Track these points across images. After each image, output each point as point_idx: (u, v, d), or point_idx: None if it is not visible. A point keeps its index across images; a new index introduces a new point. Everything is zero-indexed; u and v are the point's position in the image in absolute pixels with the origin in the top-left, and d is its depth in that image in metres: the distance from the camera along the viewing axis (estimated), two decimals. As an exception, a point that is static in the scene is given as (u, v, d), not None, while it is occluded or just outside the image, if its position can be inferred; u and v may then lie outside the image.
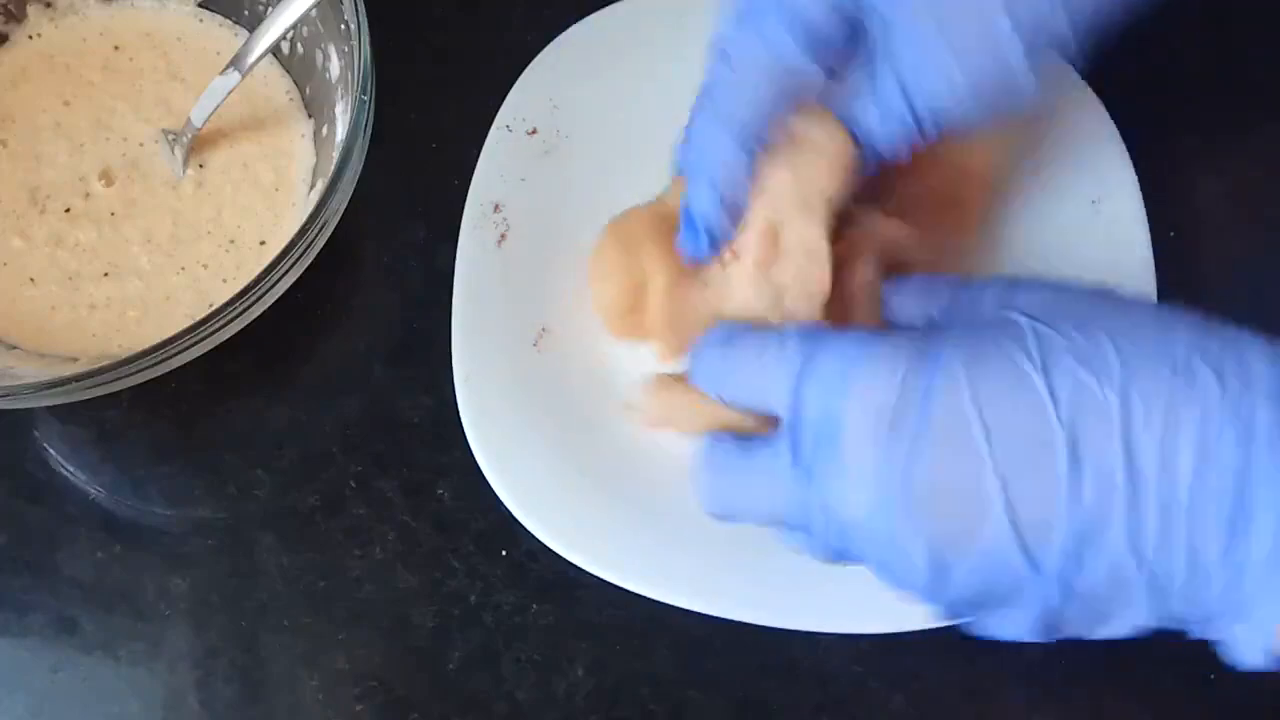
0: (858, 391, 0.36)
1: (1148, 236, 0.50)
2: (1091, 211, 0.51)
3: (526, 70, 0.53)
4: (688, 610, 0.47)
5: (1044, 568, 0.34)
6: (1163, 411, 0.33)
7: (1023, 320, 0.36)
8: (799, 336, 0.38)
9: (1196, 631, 0.36)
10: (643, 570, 0.46)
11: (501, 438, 0.47)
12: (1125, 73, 0.51)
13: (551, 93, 0.52)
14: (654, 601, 0.48)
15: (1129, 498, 0.33)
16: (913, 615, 0.44)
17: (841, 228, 0.44)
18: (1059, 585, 0.34)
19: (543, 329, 0.49)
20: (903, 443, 0.35)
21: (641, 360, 0.47)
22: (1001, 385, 0.34)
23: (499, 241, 0.50)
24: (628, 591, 0.48)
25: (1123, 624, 0.35)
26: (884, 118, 0.41)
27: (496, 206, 0.51)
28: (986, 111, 0.40)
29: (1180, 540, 0.33)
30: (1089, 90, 0.52)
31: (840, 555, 0.38)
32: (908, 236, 0.45)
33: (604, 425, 0.48)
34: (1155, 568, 0.33)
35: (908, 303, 0.42)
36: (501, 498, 0.47)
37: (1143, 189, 0.51)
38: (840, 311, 0.44)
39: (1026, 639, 0.36)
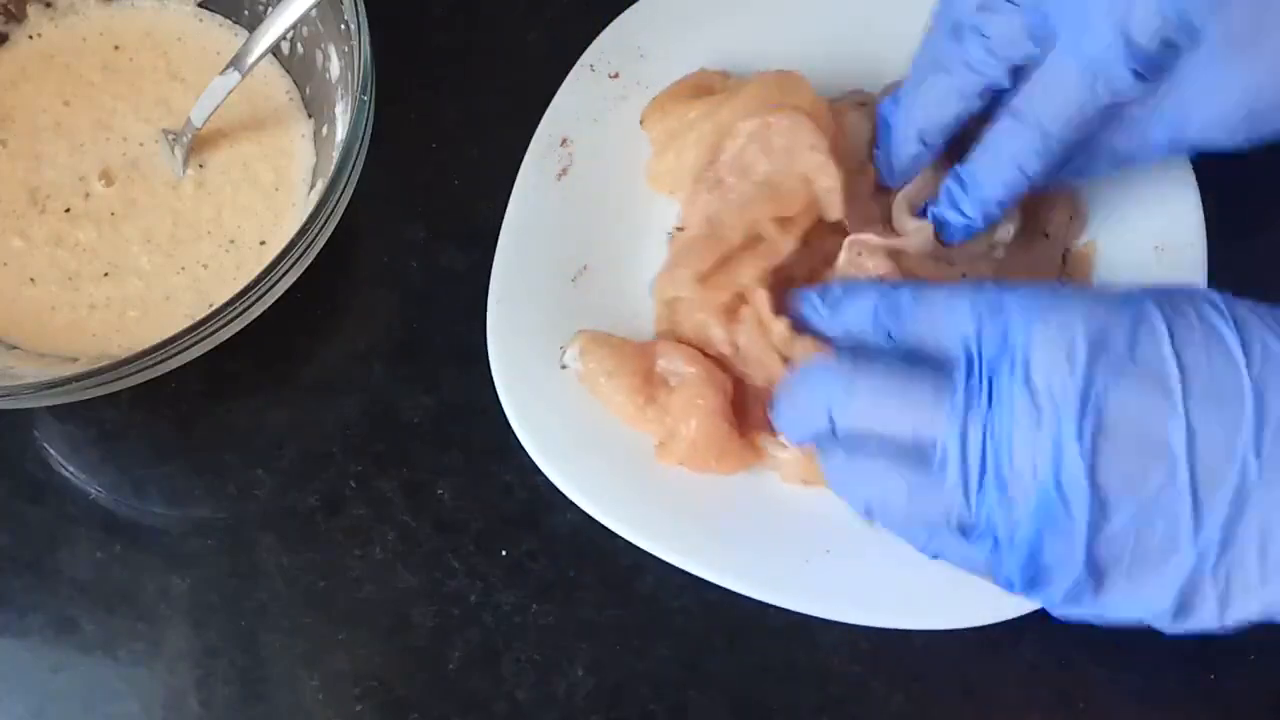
0: (1053, 326, 0.36)
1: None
2: (1153, 257, 0.50)
3: (623, 14, 0.53)
4: (688, 610, 0.47)
5: (1206, 521, 0.34)
6: None
7: (1214, 292, 0.37)
8: (990, 281, 0.40)
9: None
10: (641, 518, 0.46)
11: (522, 363, 0.48)
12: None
13: (641, 41, 0.53)
14: (654, 601, 0.48)
15: None
16: (922, 610, 0.45)
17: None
18: (1218, 541, 0.34)
19: (584, 266, 0.50)
20: (1100, 372, 0.35)
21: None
22: (1198, 335, 0.35)
23: (560, 175, 0.51)
24: (628, 591, 0.48)
25: (1258, 600, 0.35)
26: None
27: (565, 140, 0.51)
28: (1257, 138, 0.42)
29: None
30: None
31: (979, 495, 0.37)
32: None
33: None
34: None
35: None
36: (510, 421, 0.47)
37: (1210, 243, 0.50)
38: None
39: (1156, 612, 0.36)
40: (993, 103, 0.45)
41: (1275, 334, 0.35)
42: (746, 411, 0.47)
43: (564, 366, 0.47)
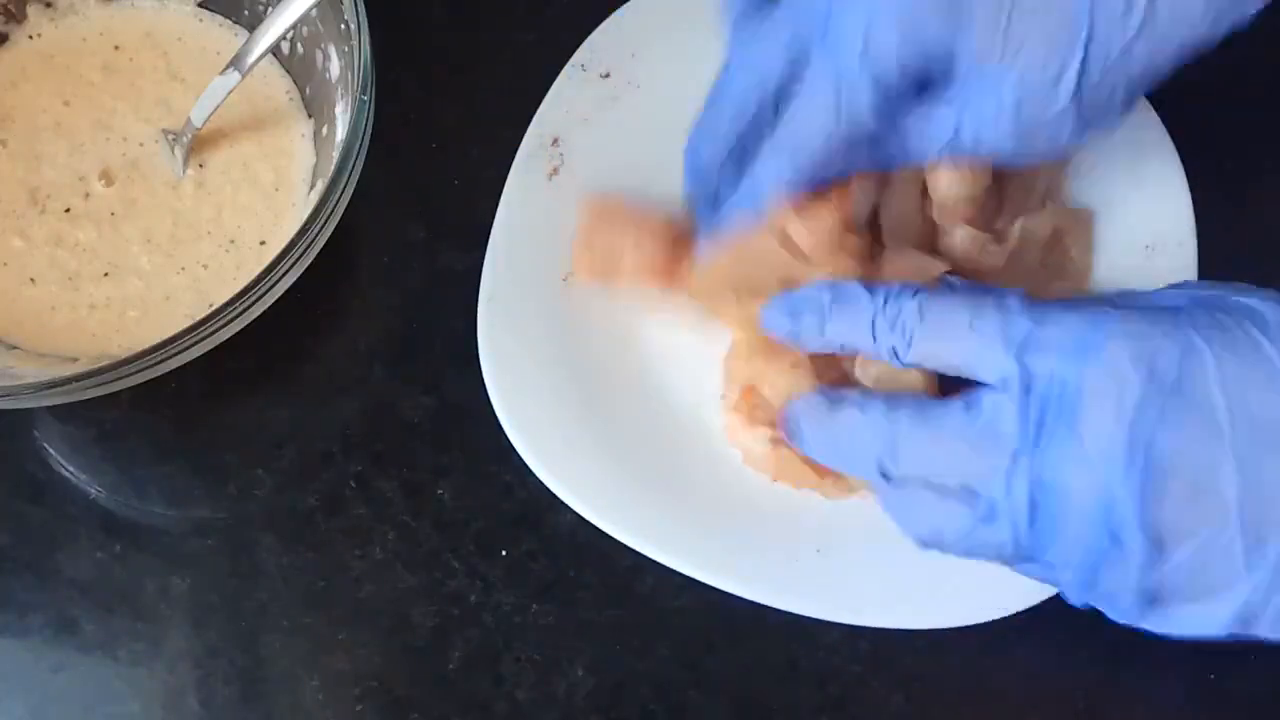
0: (1101, 367, 0.35)
1: None
2: (1144, 256, 0.50)
3: (614, 14, 0.53)
4: (688, 610, 0.47)
5: (1258, 563, 0.34)
6: None
7: (1253, 301, 0.36)
8: (1022, 301, 0.38)
9: None
10: (632, 519, 0.46)
11: (512, 362, 0.48)
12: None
13: (634, 41, 0.53)
14: (654, 601, 0.48)
15: None
16: (922, 610, 0.45)
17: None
18: (1268, 581, 0.34)
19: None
20: (1149, 416, 0.35)
21: (661, 309, 0.49)
22: (1245, 368, 0.35)
23: (550, 175, 0.51)
24: (628, 591, 0.48)
25: None
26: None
27: (555, 141, 0.51)
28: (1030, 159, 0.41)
29: None
30: (1166, 135, 0.51)
31: (1029, 534, 0.37)
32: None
33: (616, 368, 0.49)
34: None
35: None
36: (501, 420, 0.47)
37: (1200, 242, 0.50)
38: None
39: (1214, 634, 0.36)
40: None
41: None
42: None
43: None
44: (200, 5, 0.54)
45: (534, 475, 0.47)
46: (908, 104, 0.41)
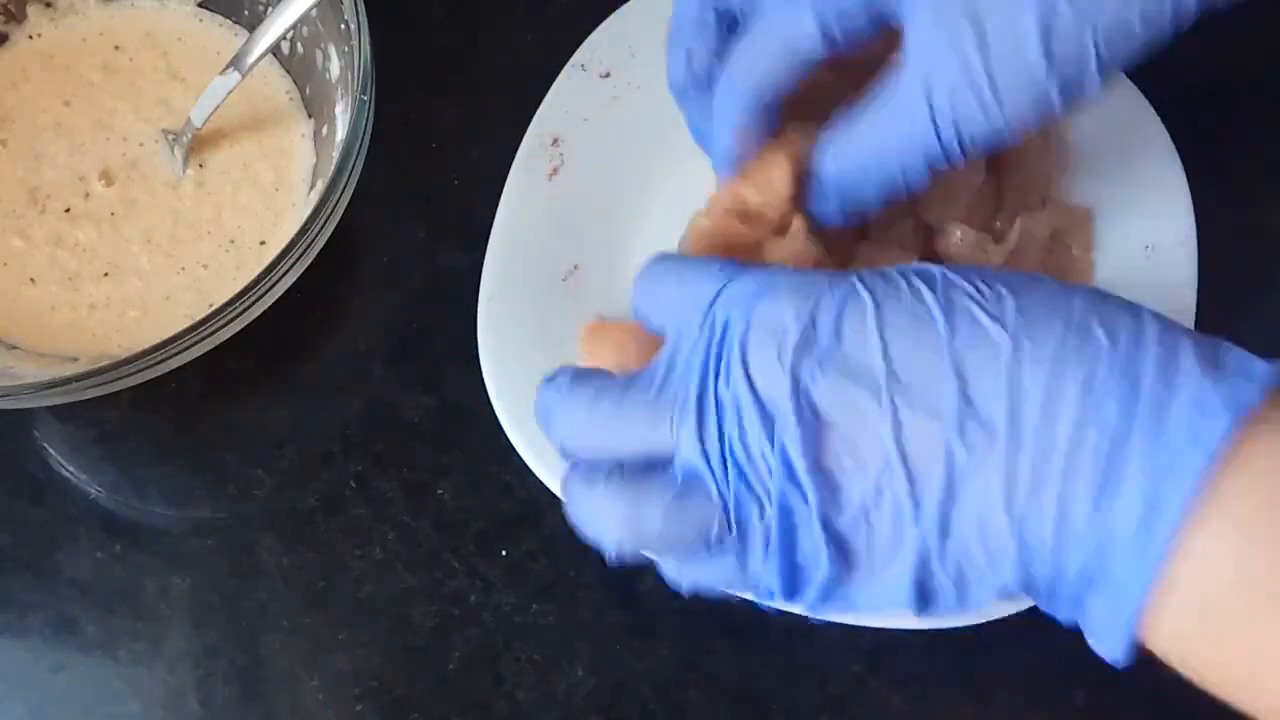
0: (767, 311, 0.36)
1: (1194, 298, 0.49)
2: (1143, 257, 0.49)
3: (614, 14, 0.53)
4: (688, 610, 0.47)
5: (924, 503, 0.34)
6: (1050, 362, 0.33)
7: (935, 269, 0.36)
8: (722, 262, 0.38)
9: (1064, 613, 0.35)
10: None
11: (512, 362, 0.48)
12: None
13: (634, 41, 0.53)
14: (654, 601, 0.48)
15: (1008, 443, 0.33)
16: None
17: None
18: (937, 525, 0.34)
19: (575, 265, 0.50)
20: (806, 366, 0.35)
21: None
22: (905, 318, 0.35)
23: (550, 175, 0.51)
24: (628, 591, 0.48)
25: (991, 586, 0.35)
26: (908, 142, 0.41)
27: (555, 140, 0.51)
28: (1016, 136, 0.40)
29: (1051, 496, 0.33)
30: (1166, 135, 0.51)
31: (732, 498, 0.36)
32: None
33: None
34: (1025, 522, 0.33)
35: None
36: (501, 420, 0.47)
37: (1200, 242, 0.49)
38: None
39: (902, 607, 0.36)
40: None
41: (988, 309, 0.34)
42: None
43: None
44: (200, 5, 0.54)
45: (534, 475, 0.47)
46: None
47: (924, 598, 0.36)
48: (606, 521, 0.37)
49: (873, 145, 0.41)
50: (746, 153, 0.43)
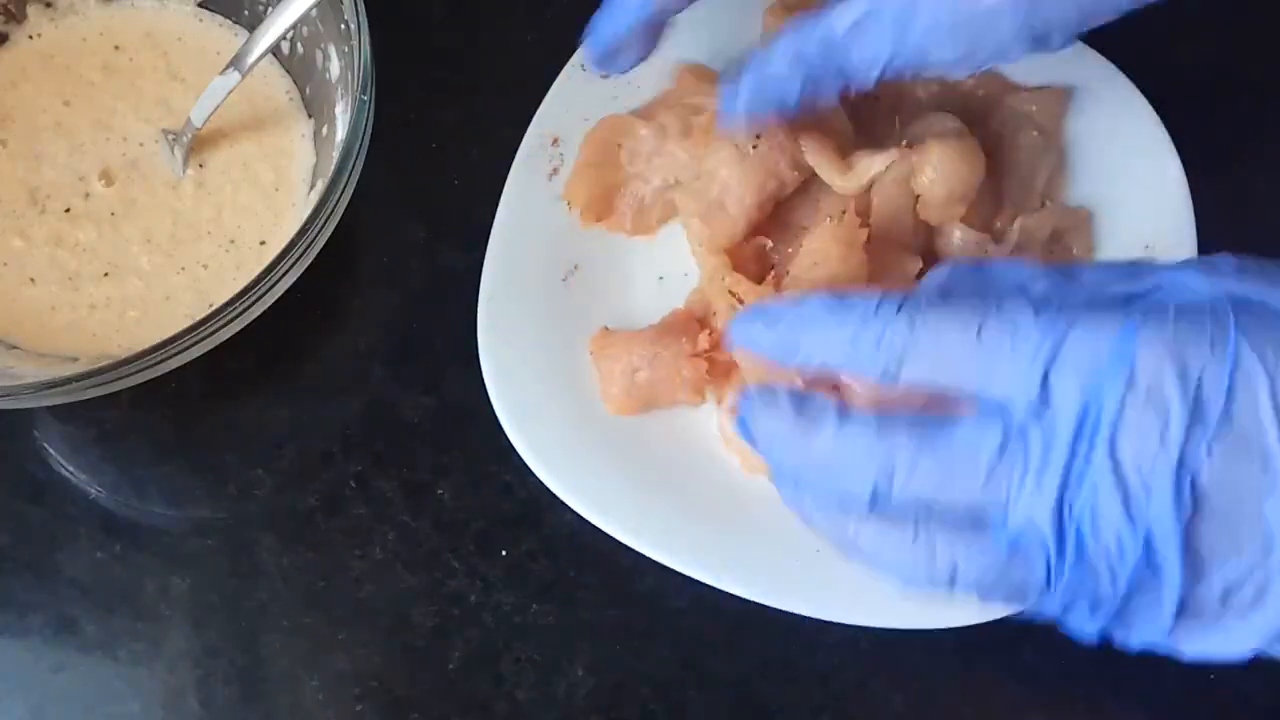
0: (1141, 382, 0.32)
1: None
2: (1143, 256, 0.49)
3: None
4: (688, 610, 0.47)
5: None
6: None
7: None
8: (1032, 305, 0.34)
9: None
10: (632, 519, 0.46)
11: (512, 362, 0.48)
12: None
13: None
14: (654, 601, 0.48)
15: None
16: (922, 610, 0.45)
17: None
18: None
19: (575, 265, 0.50)
20: (1196, 445, 0.32)
21: (665, 309, 0.49)
22: None
23: (550, 175, 0.51)
24: (628, 591, 0.48)
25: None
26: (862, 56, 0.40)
27: (555, 140, 0.51)
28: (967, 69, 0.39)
29: None
30: (1166, 135, 0.51)
31: (1056, 571, 0.33)
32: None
33: None
34: None
35: None
36: (501, 420, 0.47)
37: (1200, 239, 0.49)
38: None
39: (1238, 655, 0.34)
40: None
41: None
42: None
43: None
44: (200, 5, 0.54)
45: (534, 475, 0.47)
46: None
47: (1269, 645, 0.34)
48: (906, 564, 0.35)
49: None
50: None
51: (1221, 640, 0.34)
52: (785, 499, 0.37)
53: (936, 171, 0.46)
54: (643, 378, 0.47)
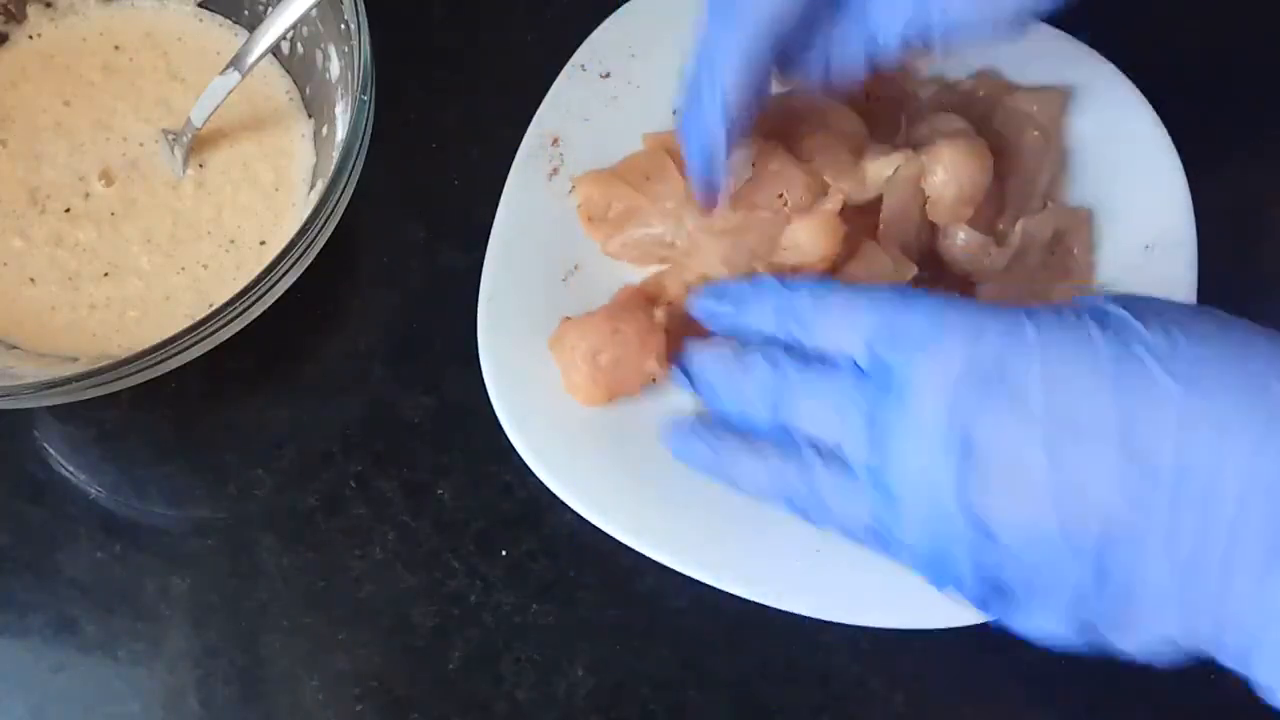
0: (939, 348, 0.36)
1: (1193, 298, 0.49)
2: (1143, 257, 0.50)
3: (614, 14, 0.53)
4: (688, 610, 0.47)
5: (1081, 548, 0.34)
6: (1221, 420, 0.33)
7: (1111, 306, 0.35)
8: (888, 289, 0.39)
9: (1229, 662, 0.35)
10: (632, 519, 0.46)
11: (512, 362, 0.48)
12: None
13: (633, 41, 0.53)
14: (654, 601, 0.48)
15: (1171, 498, 0.33)
16: (922, 609, 0.45)
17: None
18: (1093, 570, 0.34)
19: (575, 265, 0.50)
20: (967, 401, 0.35)
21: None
22: (1071, 364, 0.34)
23: (550, 175, 0.51)
24: (628, 591, 0.48)
25: (1151, 631, 0.35)
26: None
27: (555, 140, 0.51)
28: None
29: (1215, 557, 0.33)
30: (1166, 135, 0.51)
31: (881, 506, 0.37)
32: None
33: None
34: (1187, 578, 0.33)
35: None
36: (501, 420, 0.47)
37: (1200, 242, 0.49)
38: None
39: (1060, 636, 0.36)
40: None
41: (1161, 359, 0.34)
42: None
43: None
44: (200, 5, 0.54)
45: (534, 475, 0.47)
46: None
47: (1083, 633, 0.35)
48: (782, 487, 0.40)
49: None
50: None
51: (1039, 620, 0.36)
52: (676, 453, 0.43)
53: (948, 172, 0.47)
54: (606, 359, 0.46)
